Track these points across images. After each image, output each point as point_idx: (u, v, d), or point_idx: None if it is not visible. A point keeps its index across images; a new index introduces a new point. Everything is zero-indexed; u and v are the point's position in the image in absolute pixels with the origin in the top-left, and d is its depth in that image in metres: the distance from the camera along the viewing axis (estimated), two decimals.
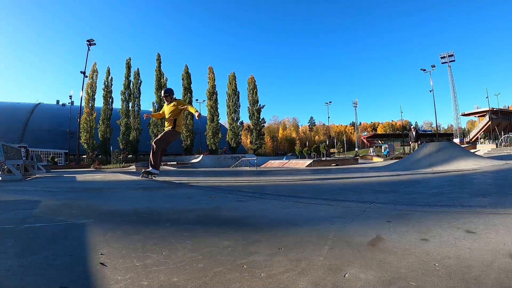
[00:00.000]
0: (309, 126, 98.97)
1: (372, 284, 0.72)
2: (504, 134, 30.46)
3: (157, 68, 31.68)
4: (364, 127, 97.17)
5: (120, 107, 30.19)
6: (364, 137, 73.98)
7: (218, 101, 33.02)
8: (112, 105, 30.17)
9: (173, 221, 1.54)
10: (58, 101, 50.76)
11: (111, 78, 30.34)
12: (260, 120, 34.92)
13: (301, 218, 1.53)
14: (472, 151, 9.54)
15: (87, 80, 28.01)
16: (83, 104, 27.82)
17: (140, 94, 31.01)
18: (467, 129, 63.67)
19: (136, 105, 30.78)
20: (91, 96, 28.75)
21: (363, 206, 1.79)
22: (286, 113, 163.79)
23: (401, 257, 0.89)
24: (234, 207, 1.97)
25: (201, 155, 24.84)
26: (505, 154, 12.09)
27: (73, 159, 26.93)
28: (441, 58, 48.12)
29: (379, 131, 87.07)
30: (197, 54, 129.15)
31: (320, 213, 1.65)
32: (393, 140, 55.87)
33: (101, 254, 0.99)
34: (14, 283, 0.78)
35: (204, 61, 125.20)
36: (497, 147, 23.29)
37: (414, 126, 16.44)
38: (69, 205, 2.12)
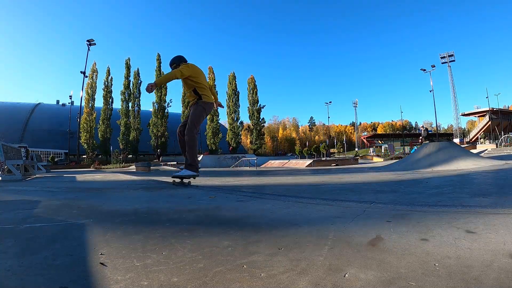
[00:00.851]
0: (309, 126, 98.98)
1: (372, 284, 0.72)
2: (504, 134, 30.49)
3: (157, 68, 31.68)
4: (364, 127, 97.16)
5: (120, 107, 30.20)
6: (364, 137, 73.97)
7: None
8: (112, 105, 30.18)
9: (173, 221, 1.54)
10: (58, 101, 50.87)
11: (111, 78, 30.35)
12: (260, 120, 34.94)
13: (301, 218, 1.53)
14: (472, 151, 9.54)
15: (87, 80, 28.02)
16: (83, 104, 27.82)
17: (140, 94, 31.02)
18: (467, 129, 63.69)
19: (136, 105, 30.79)
20: (91, 96, 28.75)
21: (363, 206, 1.79)
22: (286, 113, 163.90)
23: (401, 257, 0.89)
24: (234, 207, 1.97)
25: (201, 155, 24.83)
26: (505, 154, 12.08)
27: (73, 159, 26.92)
28: (441, 58, 48.19)
29: (379, 131, 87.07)
30: (197, 54, 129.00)
31: (320, 213, 1.65)
32: (393, 140, 55.86)
33: (101, 254, 0.99)
34: (14, 283, 0.78)
35: (204, 61, 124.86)
36: (497, 147, 23.29)
37: (425, 126, 17.33)
38: (69, 205, 2.12)
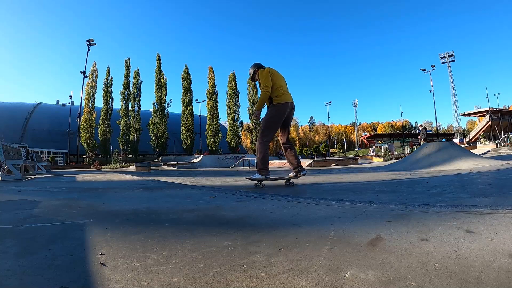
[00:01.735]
0: (309, 126, 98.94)
1: (372, 284, 0.72)
2: (504, 134, 30.47)
3: (157, 68, 31.69)
4: (364, 127, 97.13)
5: (120, 107, 30.19)
6: (364, 137, 73.97)
7: (218, 101, 33.05)
8: (112, 105, 30.16)
9: (173, 221, 1.53)
10: (58, 101, 50.75)
11: (111, 78, 30.33)
12: (260, 120, 34.93)
13: (301, 218, 1.53)
14: (472, 151, 9.54)
15: (87, 80, 28.00)
16: (83, 104, 27.81)
17: (140, 94, 31.01)
18: (467, 129, 63.67)
19: (136, 105, 30.77)
20: (91, 96, 28.73)
21: (363, 206, 1.79)
22: None
23: (401, 257, 0.89)
24: (234, 207, 1.97)
25: (201, 155, 24.84)
26: (505, 154, 12.09)
27: (73, 159, 26.93)
28: (441, 58, 48.20)
29: (379, 131, 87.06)
30: (197, 54, 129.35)
31: (320, 213, 1.65)
32: (393, 140, 55.85)
33: (101, 254, 0.99)
34: (14, 283, 0.78)
35: (204, 60, 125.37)
36: (497, 147, 23.28)
37: (424, 126, 17.52)
38: (69, 205, 2.12)
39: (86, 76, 26.61)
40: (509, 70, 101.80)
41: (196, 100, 34.19)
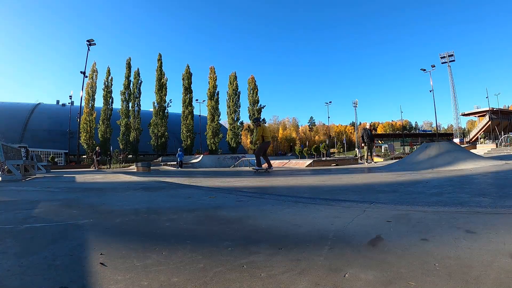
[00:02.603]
0: (309, 126, 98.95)
1: (372, 284, 0.72)
2: (504, 134, 30.46)
3: (158, 68, 31.70)
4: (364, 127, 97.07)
5: (120, 107, 30.20)
6: None
7: (219, 101, 33.06)
8: (112, 105, 30.19)
9: (173, 221, 1.53)
10: (58, 101, 50.81)
11: (111, 78, 30.37)
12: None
13: (301, 218, 1.53)
14: (472, 151, 9.53)
15: (87, 80, 28.04)
16: (83, 104, 27.84)
17: (140, 94, 31.04)
18: (467, 129, 63.67)
19: (136, 105, 30.79)
20: (91, 96, 28.76)
21: (363, 206, 1.79)
22: (286, 113, 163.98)
23: (401, 257, 0.89)
24: (234, 207, 1.97)
25: (201, 155, 24.82)
26: (505, 154, 12.09)
27: (73, 159, 26.94)
28: (441, 58, 48.13)
29: (379, 131, 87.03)
30: (197, 53, 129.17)
31: (320, 213, 1.65)
32: (393, 140, 55.81)
33: (101, 254, 0.99)
34: (14, 283, 0.78)
35: (204, 60, 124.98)
36: (497, 147, 23.27)
37: (365, 127, 11.10)
38: (69, 205, 2.13)
39: (86, 76, 26.61)
40: (509, 70, 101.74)
41: (196, 100, 34.21)
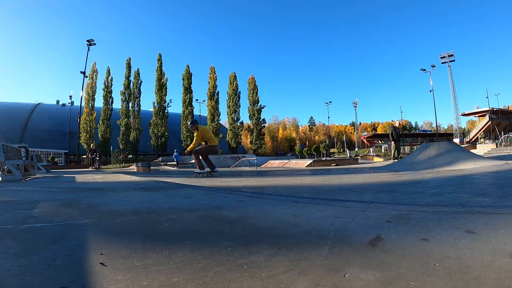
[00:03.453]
0: (309, 126, 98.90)
1: (372, 284, 0.72)
2: (504, 134, 30.45)
3: (158, 68, 31.71)
4: (364, 127, 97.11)
5: (120, 107, 30.21)
6: (364, 137, 73.89)
7: (219, 101, 33.08)
8: (112, 105, 30.20)
9: (173, 221, 1.53)
10: (58, 101, 50.78)
11: (111, 78, 30.39)
12: (261, 120, 34.94)
13: (301, 218, 1.53)
14: (472, 151, 9.52)
15: (87, 80, 28.06)
16: (83, 104, 27.84)
17: (140, 94, 31.05)
18: (467, 129, 63.67)
19: (136, 105, 30.80)
20: (91, 96, 28.78)
21: (363, 206, 1.79)
22: (286, 113, 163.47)
23: (401, 257, 0.89)
24: (234, 207, 1.97)
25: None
26: (505, 154, 12.08)
27: (73, 159, 26.94)
28: (441, 58, 48.14)
29: (379, 131, 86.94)
30: (197, 53, 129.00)
31: (320, 213, 1.65)
32: None
33: (101, 254, 0.99)
34: (14, 283, 0.78)
35: (205, 59, 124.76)
36: (497, 147, 23.26)
37: (394, 125, 12.33)
38: (69, 205, 2.13)
39: (86, 76, 26.61)
40: (509, 70, 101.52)
41: (196, 100, 34.24)
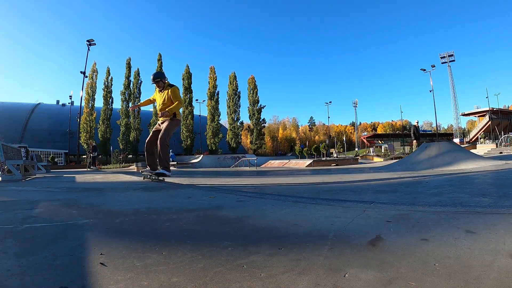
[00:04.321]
0: (309, 126, 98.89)
1: (372, 284, 0.72)
2: (504, 134, 30.44)
3: (158, 68, 31.67)
4: (364, 127, 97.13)
5: (120, 107, 30.20)
6: (364, 137, 73.90)
7: (219, 101, 33.08)
8: (112, 105, 30.17)
9: (173, 221, 1.53)
10: (58, 101, 50.70)
11: (111, 78, 30.34)
12: (261, 120, 34.93)
13: (301, 218, 1.53)
14: (472, 151, 9.53)
15: (87, 80, 28.01)
16: (83, 104, 27.81)
17: (141, 94, 31.00)
18: (467, 129, 63.65)
19: None
20: (91, 96, 28.75)
21: (363, 206, 1.79)
22: (286, 113, 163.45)
23: (401, 257, 0.89)
24: (234, 207, 1.97)
25: (201, 155, 24.82)
26: (505, 154, 12.09)
27: (73, 159, 26.93)
28: (441, 58, 48.14)
29: (379, 131, 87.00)
30: (197, 53, 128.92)
31: (320, 213, 1.65)
32: (393, 140, 55.79)
33: (101, 254, 0.99)
34: (14, 283, 0.78)
35: (205, 59, 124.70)
36: (497, 147, 23.27)
37: (415, 125, 13.75)
38: (69, 205, 2.12)
39: (86, 76, 26.55)
40: (509, 70, 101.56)
41: (196, 100, 34.20)
